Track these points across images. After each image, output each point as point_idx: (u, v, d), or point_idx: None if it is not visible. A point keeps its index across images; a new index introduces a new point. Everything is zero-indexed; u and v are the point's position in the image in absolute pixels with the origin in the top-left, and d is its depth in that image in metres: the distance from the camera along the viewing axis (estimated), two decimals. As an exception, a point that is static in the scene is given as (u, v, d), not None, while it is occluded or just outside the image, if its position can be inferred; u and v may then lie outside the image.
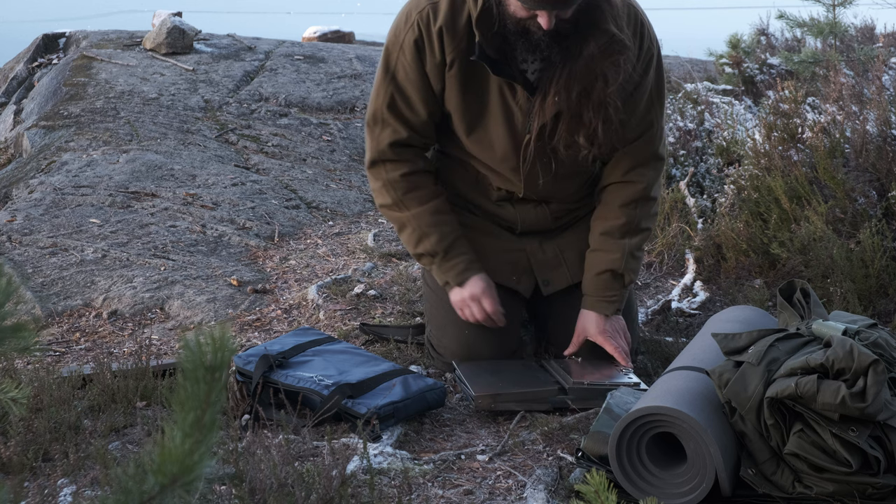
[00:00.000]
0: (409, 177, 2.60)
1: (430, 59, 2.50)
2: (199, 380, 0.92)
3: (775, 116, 3.69)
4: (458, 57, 2.48)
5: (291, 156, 5.26)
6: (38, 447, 2.18)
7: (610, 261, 2.60)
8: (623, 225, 2.61)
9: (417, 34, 2.48)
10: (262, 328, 3.07)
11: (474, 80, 2.50)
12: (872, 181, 3.31)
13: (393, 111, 2.56)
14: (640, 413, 1.96)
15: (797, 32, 6.23)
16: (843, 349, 1.89)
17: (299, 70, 6.68)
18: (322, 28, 8.63)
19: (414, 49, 2.50)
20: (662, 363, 2.66)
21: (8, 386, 1.37)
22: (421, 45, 2.49)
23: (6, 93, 6.78)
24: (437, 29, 2.46)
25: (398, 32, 2.53)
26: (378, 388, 2.37)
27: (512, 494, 2.06)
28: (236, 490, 1.78)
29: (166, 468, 0.91)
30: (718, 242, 3.49)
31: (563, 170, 2.59)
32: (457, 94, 2.52)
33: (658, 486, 1.97)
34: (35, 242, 3.71)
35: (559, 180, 2.62)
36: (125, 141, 5.10)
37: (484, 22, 2.41)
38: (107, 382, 2.46)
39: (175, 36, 6.81)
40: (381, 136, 2.60)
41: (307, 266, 3.64)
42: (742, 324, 2.31)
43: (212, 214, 4.13)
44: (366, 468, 2.05)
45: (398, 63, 2.53)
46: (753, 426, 1.96)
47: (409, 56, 2.51)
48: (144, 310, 3.20)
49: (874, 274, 2.98)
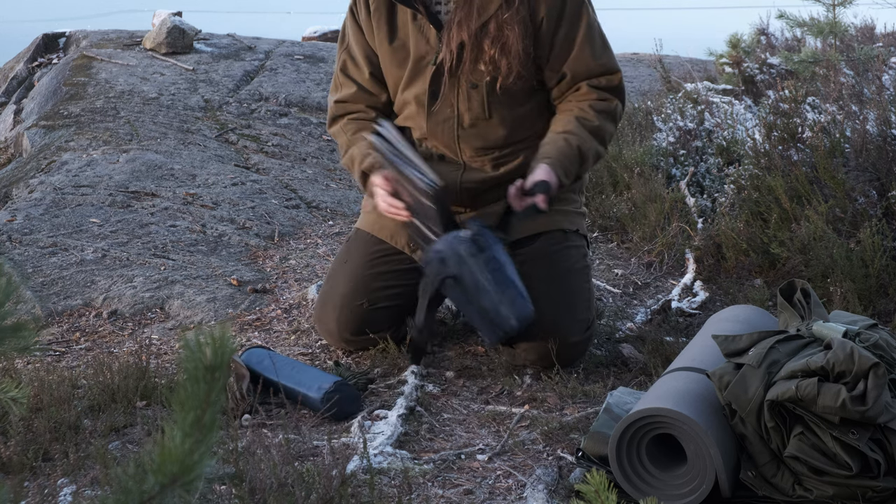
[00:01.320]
0: (356, 121, 2.78)
1: (360, 16, 2.74)
2: (199, 380, 0.92)
3: (775, 116, 3.69)
4: (379, 6, 2.70)
5: (291, 155, 5.26)
6: (38, 447, 2.18)
7: (582, 142, 2.62)
8: (596, 127, 2.65)
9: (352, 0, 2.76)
10: (262, 328, 3.07)
11: (394, 29, 2.71)
12: (872, 181, 3.30)
13: (345, 73, 2.81)
14: (641, 414, 1.96)
15: (797, 32, 6.23)
16: (843, 352, 1.89)
17: (299, 70, 6.68)
18: (322, 28, 8.62)
19: (350, 14, 2.78)
20: (662, 363, 2.66)
21: (8, 386, 1.37)
22: (354, 8, 2.76)
23: (6, 92, 6.77)
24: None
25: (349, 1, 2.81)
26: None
27: (512, 494, 2.06)
28: (236, 490, 1.78)
29: (166, 468, 0.91)
30: (718, 242, 3.48)
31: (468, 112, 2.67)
32: (384, 42, 2.71)
33: (658, 488, 1.97)
34: (35, 242, 3.71)
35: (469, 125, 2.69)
36: (125, 140, 5.09)
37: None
38: (107, 382, 2.46)
39: (175, 36, 6.81)
40: (335, 97, 2.83)
41: (307, 266, 3.64)
42: (742, 323, 2.31)
43: (212, 214, 4.13)
44: (366, 468, 2.05)
45: (346, 30, 2.81)
46: (754, 428, 1.96)
47: (349, 20, 2.78)
48: (144, 309, 3.20)
49: (874, 274, 2.98)
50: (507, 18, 2.59)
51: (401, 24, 2.70)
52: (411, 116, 2.76)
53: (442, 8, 2.69)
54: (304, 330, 3.03)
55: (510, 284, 2.46)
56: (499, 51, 2.61)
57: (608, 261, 3.66)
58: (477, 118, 2.69)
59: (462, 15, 2.60)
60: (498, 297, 2.44)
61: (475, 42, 2.61)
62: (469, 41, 2.61)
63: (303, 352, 2.88)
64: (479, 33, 2.61)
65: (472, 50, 2.62)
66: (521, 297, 2.47)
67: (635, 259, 3.66)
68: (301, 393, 2.45)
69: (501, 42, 2.61)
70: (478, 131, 2.70)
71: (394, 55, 2.72)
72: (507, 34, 2.60)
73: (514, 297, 2.45)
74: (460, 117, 2.70)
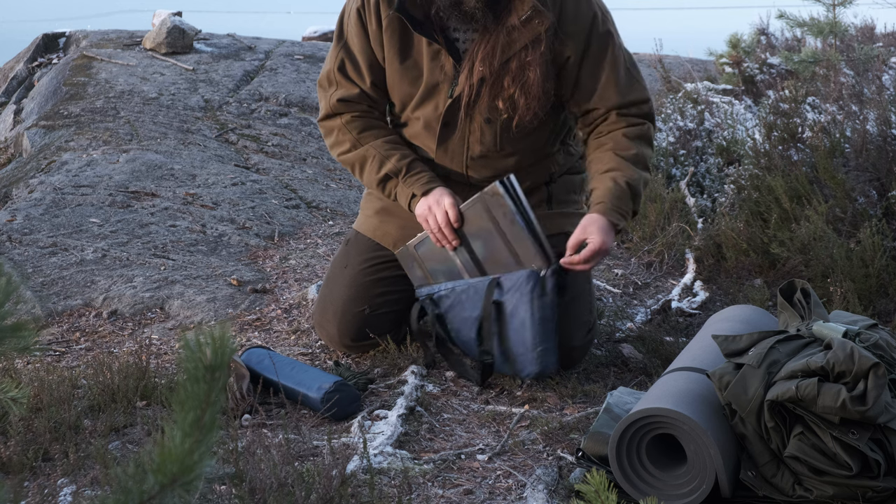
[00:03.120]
0: (362, 118, 2.72)
1: (369, 26, 2.63)
2: (199, 379, 0.92)
3: (775, 116, 3.69)
4: (391, 24, 2.60)
5: (291, 155, 5.26)
6: (38, 447, 2.18)
7: (629, 177, 2.57)
8: (636, 155, 2.62)
9: (360, 3, 2.64)
10: (262, 328, 3.07)
11: (407, 49, 2.63)
12: (872, 181, 3.31)
13: (343, 73, 2.71)
14: (641, 414, 1.96)
15: (797, 32, 6.23)
16: (843, 352, 1.89)
17: (299, 70, 6.68)
18: (322, 28, 8.61)
19: (357, 17, 2.65)
20: (662, 363, 2.66)
21: (8, 386, 1.37)
22: (362, 13, 2.64)
23: (6, 92, 6.77)
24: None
25: (347, 1, 2.71)
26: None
27: (512, 494, 2.06)
28: (236, 490, 1.78)
29: (166, 468, 0.91)
30: (718, 242, 3.49)
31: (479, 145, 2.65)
32: (394, 60, 2.64)
33: (658, 488, 1.97)
34: (35, 242, 3.71)
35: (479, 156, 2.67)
36: (125, 140, 5.09)
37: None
38: (107, 382, 2.46)
39: (175, 35, 6.81)
40: (332, 95, 2.73)
41: (307, 266, 3.64)
42: (742, 323, 2.31)
43: (212, 214, 4.13)
44: (366, 468, 2.05)
45: (347, 29, 2.69)
46: (754, 429, 1.95)
47: (353, 23, 2.66)
48: (144, 309, 3.20)
49: (874, 273, 2.98)
50: (531, 60, 2.53)
51: (415, 44, 2.61)
52: (418, 136, 2.71)
53: (460, 36, 2.61)
54: (304, 330, 3.03)
55: (551, 338, 2.52)
56: (519, 90, 2.55)
57: (608, 261, 3.66)
58: (488, 150, 2.67)
59: (486, 51, 2.53)
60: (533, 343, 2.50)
61: (496, 79, 2.55)
62: (490, 78, 2.55)
63: (303, 352, 2.88)
64: (501, 71, 2.55)
65: (493, 87, 2.56)
66: (553, 354, 2.54)
67: (635, 259, 3.66)
68: (301, 393, 2.45)
69: (522, 81, 2.55)
70: (487, 161, 2.69)
71: (405, 73, 2.65)
72: (529, 74, 2.54)
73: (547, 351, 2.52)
74: (470, 148, 2.67)
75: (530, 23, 2.52)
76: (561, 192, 2.79)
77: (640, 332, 2.92)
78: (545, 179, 2.77)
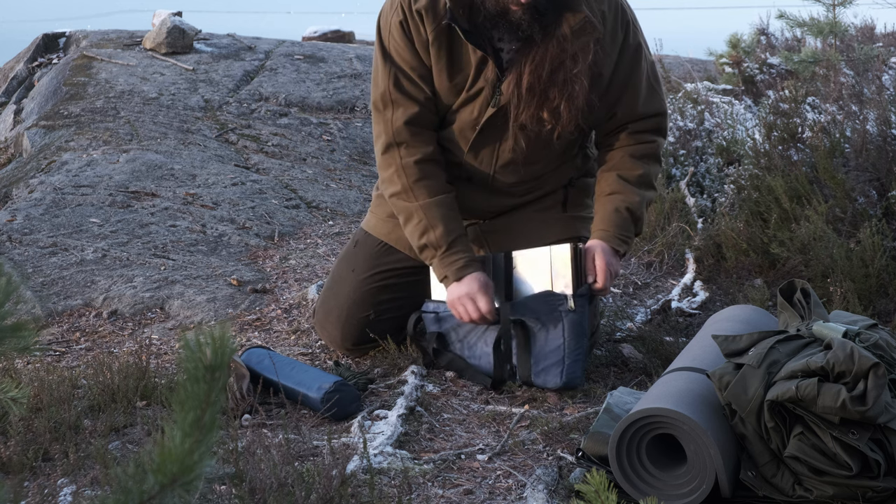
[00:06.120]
0: (421, 164, 2.62)
1: (416, 37, 2.58)
2: (199, 379, 0.92)
3: (775, 116, 3.69)
4: (440, 35, 2.56)
5: (291, 155, 5.26)
6: (38, 447, 2.18)
7: (630, 202, 2.62)
8: (640, 176, 2.65)
9: (402, 16, 2.59)
10: (262, 328, 3.07)
11: (455, 58, 2.59)
12: (872, 181, 3.31)
13: (400, 90, 2.61)
14: (641, 415, 1.96)
15: (797, 32, 6.23)
16: (843, 352, 1.89)
17: (299, 70, 6.68)
18: (322, 28, 8.61)
19: (400, 30, 2.59)
20: (662, 363, 2.66)
21: (8, 386, 1.37)
22: (406, 25, 2.58)
23: (6, 92, 6.77)
24: (416, 10, 2.56)
25: (386, 17, 2.64)
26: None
27: (512, 494, 2.06)
28: (236, 490, 1.78)
29: (166, 468, 0.91)
30: (718, 242, 3.49)
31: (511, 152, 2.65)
32: (442, 71, 2.60)
33: (658, 488, 1.97)
34: (35, 242, 3.71)
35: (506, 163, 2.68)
36: (125, 140, 5.09)
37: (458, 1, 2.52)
38: (107, 382, 2.46)
39: (175, 35, 6.81)
40: (394, 117, 2.63)
41: (307, 266, 3.64)
42: (742, 323, 2.31)
43: (212, 214, 4.13)
44: (366, 468, 2.05)
45: (391, 45, 2.62)
46: (754, 429, 1.95)
47: (398, 38, 2.60)
48: (144, 309, 3.20)
49: (874, 273, 2.98)
50: (579, 71, 2.51)
51: (463, 54, 2.58)
52: (451, 140, 2.68)
53: (504, 46, 2.59)
54: (304, 330, 3.03)
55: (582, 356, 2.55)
56: (565, 101, 2.54)
57: (608, 261, 3.66)
58: (517, 157, 2.67)
59: (536, 61, 2.51)
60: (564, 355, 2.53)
61: (543, 89, 2.53)
62: (538, 88, 2.53)
63: (303, 352, 2.88)
64: (549, 81, 2.53)
65: (540, 97, 2.55)
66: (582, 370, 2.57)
67: (635, 259, 3.66)
68: (301, 393, 2.45)
69: (569, 92, 2.53)
70: (515, 167, 2.69)
71: (451, 82, 2.62)
72: (576, 86, 2.52)
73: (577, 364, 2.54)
74: (501, 156, 2.67)
75: (582, 34, 2.50)
76: (576, 196, 2.82)
77: (640, 332, 2.92)
78: (564, 183, 2.79)
